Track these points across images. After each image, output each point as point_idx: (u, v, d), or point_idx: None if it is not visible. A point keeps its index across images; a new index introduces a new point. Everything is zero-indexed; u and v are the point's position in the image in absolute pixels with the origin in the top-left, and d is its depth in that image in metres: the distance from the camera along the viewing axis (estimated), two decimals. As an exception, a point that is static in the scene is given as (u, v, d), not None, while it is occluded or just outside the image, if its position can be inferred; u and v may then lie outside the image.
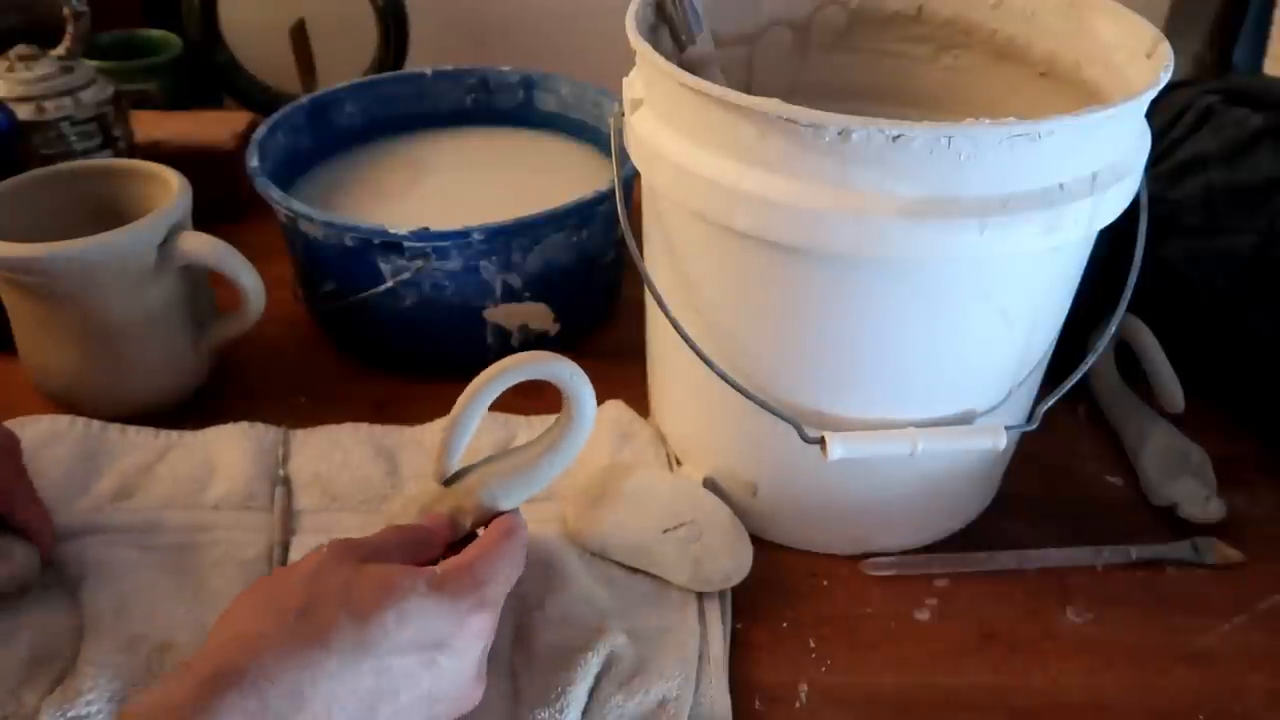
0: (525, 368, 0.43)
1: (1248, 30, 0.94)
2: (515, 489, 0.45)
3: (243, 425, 0.58)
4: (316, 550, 0.41)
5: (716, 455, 0.54)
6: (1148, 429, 0.59)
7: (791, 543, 0.54)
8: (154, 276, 0.56)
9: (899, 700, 0.47)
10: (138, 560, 0.50)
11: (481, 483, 0.45)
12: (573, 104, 0.77)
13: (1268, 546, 0.55)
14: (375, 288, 0.61)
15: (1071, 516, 0.57)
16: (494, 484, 0.45)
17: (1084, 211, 0.42)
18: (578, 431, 0.45)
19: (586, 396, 0.44)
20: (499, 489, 0.45)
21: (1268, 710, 0.47)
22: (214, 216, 0.63)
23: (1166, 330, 0.60)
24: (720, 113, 0.42)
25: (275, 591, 0.39)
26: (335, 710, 0.36)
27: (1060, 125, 0.39)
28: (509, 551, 0.42)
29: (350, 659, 0.36)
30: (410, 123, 0.78)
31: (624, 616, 0.48)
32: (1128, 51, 0.48)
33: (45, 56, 0.68)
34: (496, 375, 0.43)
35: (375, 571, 0.39)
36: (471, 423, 0.44)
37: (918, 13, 0.58)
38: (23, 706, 0.43)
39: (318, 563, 0.40)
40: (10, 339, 0.61)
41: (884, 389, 0.47)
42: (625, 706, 0.44)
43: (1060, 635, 0.50)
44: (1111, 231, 0.46)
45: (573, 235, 0.63)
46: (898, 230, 0.40)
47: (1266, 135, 0.58)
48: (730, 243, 0.45)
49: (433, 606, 0.39)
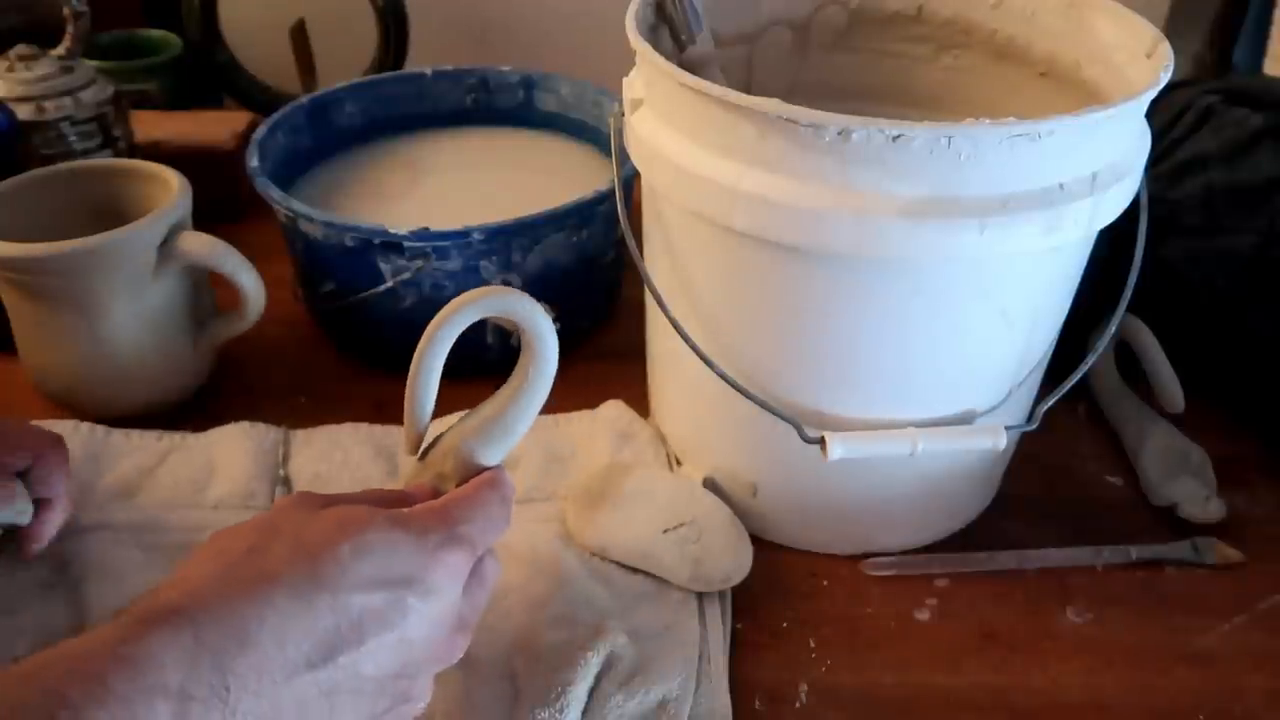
0: (477, 304, 0.41)
1: (1248, 30, 0.94)
2: (493, 440, 0.43)
3: (244, 425, 0.58)
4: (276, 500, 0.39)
5: (716, 455, 0.54)
6: (1148, 429, 0.59)
7: (791, 543, 0.54)
8: (154, 276, 0.56)
9: (899, 700, 0.47)
10: (139, 560, 0.50)
11: (458, 440, 0.43)
12: (573, 104, 0.77)
13: (1268, 546, 0.55)
14: (375, 288, 0.61)
15: (1071, 516, 0.57)
16: (470, 438, 0.42)
17: (1084, 211, 0.42)
18: (543, 367, 0.43)
19: (545, 329, 0.43)
20: (476, 442, 0.42)
21: (1268, 710, 0.47)
22: (214, 216, 0.63)
23: (1166, 330, 0.60)
24: (720, 113, 0.42)
25: (225, 539, 0.36)
26: (290, 649, 0.32)
27: (1060, 125, 0.39)
28: (487, 499, 0.40)
29: (302, 593, 0.33)
30: (410, 123, 0.78)
31: (624, 616, 0.48)
32: (1128, 51, 0.48)
33: (45, 56, 0.68)
34: (449, 317, 0.41)
35: (333, 511, 0.37)
36: (432, 378, 0.41)
37: (918, 13, 0.58)
38: None
39: (275, 509, 0.37)
40: (10, 339, 0.61)
41: (884, 389, 0.47)
42: (625, 706, 0.44)
43: (1060, 635, 0.50)
44: (1111, 231, 0.46)
45: (573, 235, 0.63)
46: (898, 230, 0.40)
47: (1266, 135, 0.58)
48: (730, 242, 0.45)
49: (396, 539, 0.36)
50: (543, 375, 0.43)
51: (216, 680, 0.31)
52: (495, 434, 0.43)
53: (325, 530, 0.35)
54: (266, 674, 0.32)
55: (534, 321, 0.42)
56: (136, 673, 0.30)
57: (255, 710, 0.31)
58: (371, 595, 0.34)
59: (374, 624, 0.34)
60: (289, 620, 0.33)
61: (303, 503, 0.38)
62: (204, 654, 0.31)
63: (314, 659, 0.33)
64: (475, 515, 0.39)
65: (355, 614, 0.34)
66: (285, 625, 0.32)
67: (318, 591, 0.33)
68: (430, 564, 0.36)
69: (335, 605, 0.34)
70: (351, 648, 0.34)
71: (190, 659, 0.31)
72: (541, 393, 0.44)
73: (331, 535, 0.35)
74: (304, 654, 0.33)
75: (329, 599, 0.33)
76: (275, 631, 0.32)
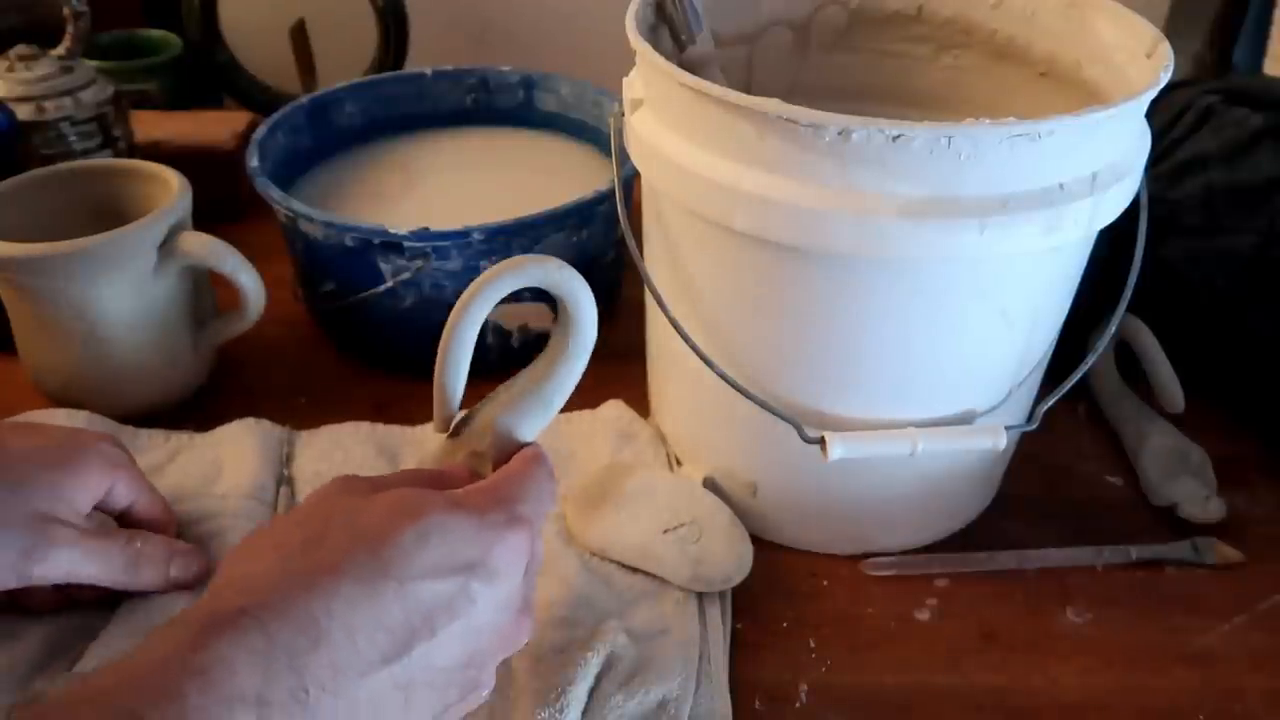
0: (514, 272, 0.39)
1: (1248, 30, 0.94)
2: (531, 414, 0.41)
3: (249, 421, 0.58)
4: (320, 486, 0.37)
5: (716, 455, 0.54)
6: (1148, 429, 0.59)
7: (791, 543, 0.54)
8: (154, 276, 0.56)
9: (899, 700, 0.47)
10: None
11: (493, 416, 0.41)
12: (573, 104, 0.77)
13: (1268, 546, 0.55)
14: (375, 288, 0.61)
15: (1071, 516, 0.57)
16: (507, 412, 0.40)
17: (1084, 211, 0.42)
18: (582, 337, 0.41)
19: (585, 298, 0.41)
20: (513, 417, 0.40)
21: (1267, 710, 0.47)
22: (214, 216, 0.63)
23: (1166, 330, 0.60)
24: (720, 113, 0.42)
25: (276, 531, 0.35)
26: (361, 642, 0.31)
27: (1060, 125, 0.39)
28: (539, 475, 0.38)
29: (367, 583, 0.32)
30: (410, 123, 0.78)
31: (624, 616, 0.48)
32: (1128, 51, 0.48)
33: (45, 56, 0.68)
34: (485, 286, 0.39)
35: (388, 495, 0.35)
36: (465, 351, 0.40)
37: (918, 13, 0.58)
38: (31, 694, 0.43)
39: (322, 495, 0.36)
40: (10, 339, 0.61)
41: (884, 389, 0.47)
42: (625, 706, 0.44)
43: (1060, 635, 0.50)
44: (1111, 231, 0.46)
45: (573, 235, 0.63)
46: (898, 230, 0.40)
47: (1266, 135, 0.58)
48: (730, 242, 0.45)
49: (457, 523, 0.34)
50: (582, 345, 0.42)
51: (294, 682, 0.30)
52: (534, 408, 0.41)
53: (382, 516, 0.34)
54: (342, 672, 0.31)
55: (572, 289, 0.41)
56: (210, 684, 0.28)
57: (333, 711, 0.30)
58: (438, 583, 0.33)
59: (443, 613, 0.33)
60: (356, 612, 0.31)
61: (350, 488, 0.36)
62: (278, 655, 0.30)
63: (389, 653, 0.32)
64: (530, 493, 0.38)
65: (424, 603, 0.33)
66: (354, 617, 0.31)
67: (383, 580, 0.32)
68: (494, 546, 0.35)
69: (402, 594, 0.32)
70: (424, 639, 0.32)
71: (264, 663, 0.29)
72: (580, 363, 0.42)
73: (391, 520, 0.33)
74: (379, 648, 0.32)
75: (395, 587, 0.32)
76: (345, 625, 0.31)
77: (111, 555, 0.44)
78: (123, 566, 0.45)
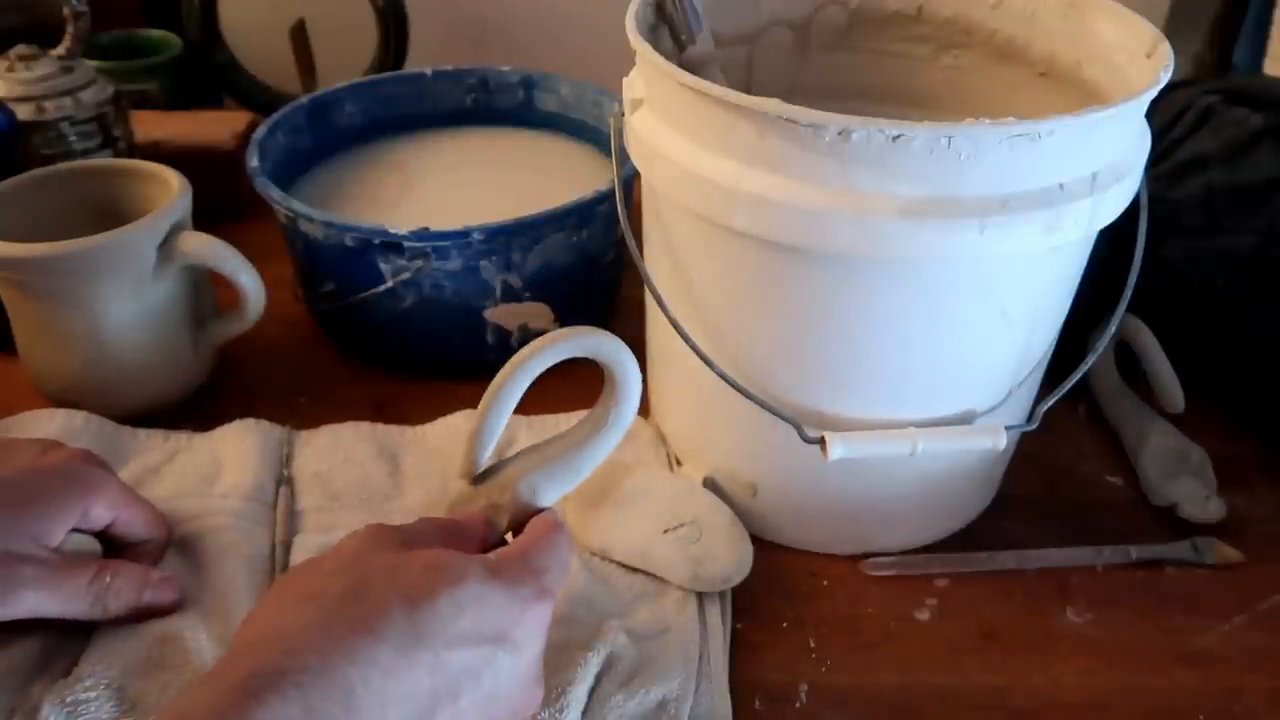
0: (564, 344, 0.39)
1: (1248, 30, 0.94)
2: (557, 480, 0.41)
3: (248, 421, 0.58)
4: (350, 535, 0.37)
5: (716, 455, 0.54)
6: (1148, 429, 0.59)
7: (791, 543, 0.54)
8: (154, 276, 0.56)
9: (899, 700, 0.47)
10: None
11: (520, 475, 0.41)
12: (573, 104, 0.77)
13: (1268, 546, 0.55)
14: (375, 288, 0.61)
15: (1071, 516, 0.57)
16: (535, 474, 0.41)
17: (1084, 211, 0.42)
18: (624, 412, 0.41)
19: (632, 372, 0.41)
20: (539, 480, 0.41)
21: (1268, 710, 0.47)
22: (214, 216, 0.63)
23: (1166, 330, 0.60)
24: (720, 113, 0.42)
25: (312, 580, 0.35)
26: (389, 713, 0.32)
27: (1060, 125, 0.39)
28: (561, 544, 0.39)
29: (404, 652, 0.32)
30: (410, 123, 0.78)
31: (624, 616, 0.48)
32: (1128, 51, 0.48)
33: (45, 56, 0.68)
34: (533, 356, 0.39)
35: (424, 555, 0.35)
36: (506, 411, 0.40)
37: (918, 12, 0.58)
38: (29, 700, 0.43)
39: (356, 547, 0.36)
40: (10, 339, 0.61)
41: (884, 389, 0.47)
42: (625, 706, 0.44)
43: (1060, 635, 0.50)
44: (1111, 231, 0.46)
45: (573, 235, 0.63)
46: (898, 230, 0.40)
47: (1266, 135, 0.58)
48: (730, 242, 0.45)
49: (492, 594, 0.35)
50: (623, 419, 0.42)
51: None
52: (563, 474, 0.42)
53: (420, 577, 0.34)
54: None
55: (620, 361, 0.41)
56: None
57: None
58: (466, 651, 0.34)
59: (469, 680, 0.34)
60: (392, 682, 0.32)
61: (384, 541, 0.37)
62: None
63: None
64: (554, 564, 0.38)
65: (453, 671, 0.34)
66: (387, 686, 0.32)
67: (419, 650, 0.33)
68: (521, 618, 0.36)
69: (435, 664, 0.33)
70: (447, 706, 0.33)
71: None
72: (617, 438, 0.42)
73: (429, 583, 0.34)
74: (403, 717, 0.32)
75: (430, 658, 0.33)
76: (379, 695, 0.32)
77: (77, 593, 0.44)
78: (89, 603, 0.44)
